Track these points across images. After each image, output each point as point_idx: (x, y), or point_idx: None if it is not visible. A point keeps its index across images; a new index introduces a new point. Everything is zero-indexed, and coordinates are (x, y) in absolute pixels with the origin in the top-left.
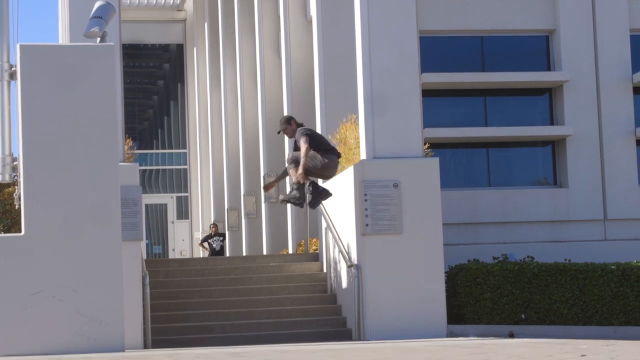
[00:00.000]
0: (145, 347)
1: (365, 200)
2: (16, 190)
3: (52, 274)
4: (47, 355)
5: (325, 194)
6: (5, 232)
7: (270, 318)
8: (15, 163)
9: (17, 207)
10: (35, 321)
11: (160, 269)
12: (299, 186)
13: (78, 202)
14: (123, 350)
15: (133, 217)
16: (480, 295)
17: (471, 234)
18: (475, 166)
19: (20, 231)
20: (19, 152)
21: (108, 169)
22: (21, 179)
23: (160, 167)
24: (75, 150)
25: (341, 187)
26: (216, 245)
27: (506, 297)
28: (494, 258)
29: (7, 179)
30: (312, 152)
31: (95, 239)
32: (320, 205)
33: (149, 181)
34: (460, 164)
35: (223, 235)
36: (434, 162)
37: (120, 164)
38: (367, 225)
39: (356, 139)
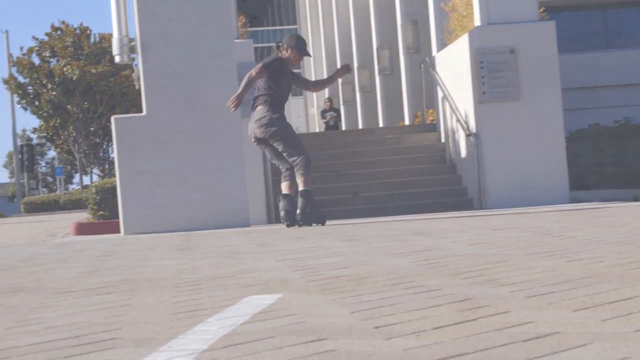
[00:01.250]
0: (269, 222)
1: (482, 68)
2: (135, 71)
3: (175, 152)
4: (176, 232)
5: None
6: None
7: (392, 190)
8: (132, 44)
9: (136, 87)
10: (161, 199)
11: None
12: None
13: (198, 80)
14: (249, 226)
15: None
16: (602, 159)
17: (591, 98)
18: (592, 29)
19: (139, 113)
20: (136, 33)
21: (224, 46)
22: (140, 60)
23: (272, 45)
24: (191, 28)
25: (455, 55)
26: (330, 120)
27: (629, 160)
28: (616, 122)
29: (125, 59)
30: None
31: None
32: (436, 75)
33: (261, 59)
34: (577, 27)
35: (336, 110)
36: (551, 26)
37: (235, 40)
38: (484, 93)
39: (468, 6)
